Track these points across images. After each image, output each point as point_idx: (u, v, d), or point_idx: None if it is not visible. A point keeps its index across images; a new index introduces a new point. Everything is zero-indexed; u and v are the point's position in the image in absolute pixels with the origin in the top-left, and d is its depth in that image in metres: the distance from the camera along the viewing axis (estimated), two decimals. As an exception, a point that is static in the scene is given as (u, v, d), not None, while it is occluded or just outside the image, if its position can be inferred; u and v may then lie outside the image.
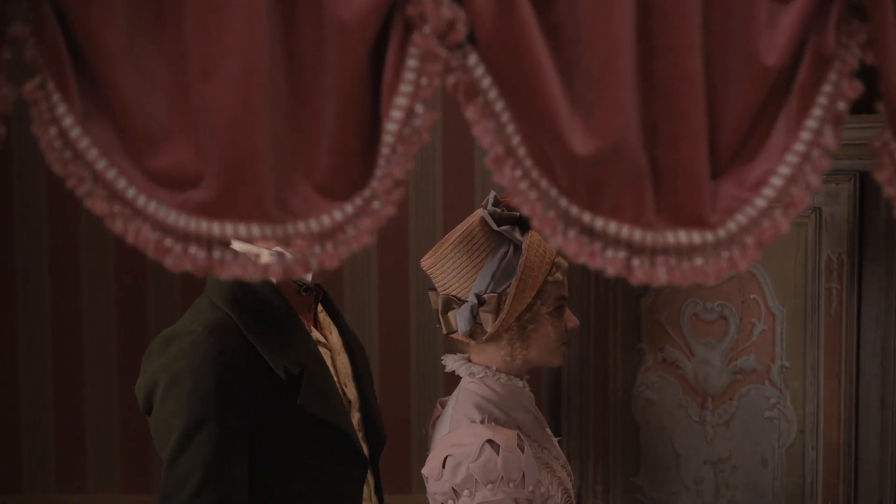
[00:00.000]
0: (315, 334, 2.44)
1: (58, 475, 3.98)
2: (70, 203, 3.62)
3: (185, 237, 1.52)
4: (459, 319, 2.33)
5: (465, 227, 2.37)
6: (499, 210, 2.36)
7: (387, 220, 1.54)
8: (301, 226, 1.56)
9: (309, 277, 2.38)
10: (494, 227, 2.33)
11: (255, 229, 1.52)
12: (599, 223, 1.52)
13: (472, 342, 2.39)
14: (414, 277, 4.11)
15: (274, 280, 2.34)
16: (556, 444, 2.49)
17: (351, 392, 2.48)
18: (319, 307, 2.53)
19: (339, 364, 2.48)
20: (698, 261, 1.54)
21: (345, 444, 2.35)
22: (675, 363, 3.45)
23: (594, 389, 3.50)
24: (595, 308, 3.48)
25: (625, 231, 1.52)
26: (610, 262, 1.52)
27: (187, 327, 2.29)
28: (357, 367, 2.54)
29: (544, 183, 1.53)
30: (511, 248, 2.32)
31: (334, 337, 2.54)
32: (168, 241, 1.53)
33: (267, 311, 2.32)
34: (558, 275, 2.37)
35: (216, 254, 1.52)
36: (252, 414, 2.24)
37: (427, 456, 2.40)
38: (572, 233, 1.52)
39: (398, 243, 4.09)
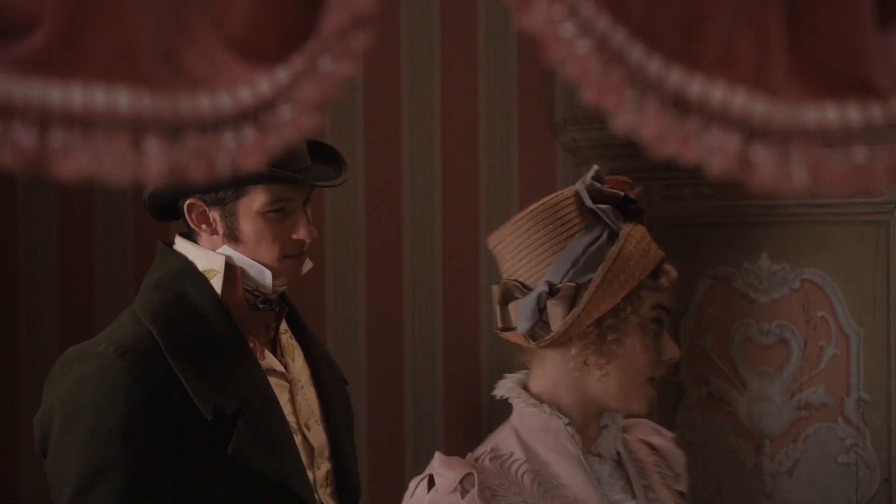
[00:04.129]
0: (269, 361, 2.14)
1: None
2: (8, 191, 3.47)
3: (7, 111, 0.97)
4: (521, 312, 1.86)
5: (552, 197, 1.90)
6: (599, 186, 1.89)
7: (341, 84, 0.95)
8: (204, 100, 0.98)
9: (268, 282, 2.04)
10: (589, 202, 1.86)
11: (123, 97, 0.95)
12: (696, 87, 0.96)
13: (533, 347, 1.89)
14: (408, 290, 3.69)
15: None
16: None
17: (316, 436, 2.18)
18: (283, 326, 2.21)
19: (300, 400, 2.18)
20: (859, 152, 0.97)
21: (293, 503, 2.07)
22: (723, 398, 3.21)
23: (624, 432, 3.16)
24: (624, 332, 3.11)
25: (739, 100, 0.96)
26: (715, 152, 0.95)
27: (95, 347, 1.99)
28: (328, 405, 2.23)
29: (603, 22, 0.96)
30: (605, 235, 1.87)
31: (298, 365, 2.21)
32: (-22, 120, 0.94)
33: (202, 330, 2.03)
34: (664, 280, 1.90)
35: (55, 136, 0.94)
36: (173, 461, 1.96)
37: None
38: (651, 104, 0.95)
39: (391, 253, 3.71)
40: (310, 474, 2.12)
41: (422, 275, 3.63)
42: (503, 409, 3.74)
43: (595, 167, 1.91)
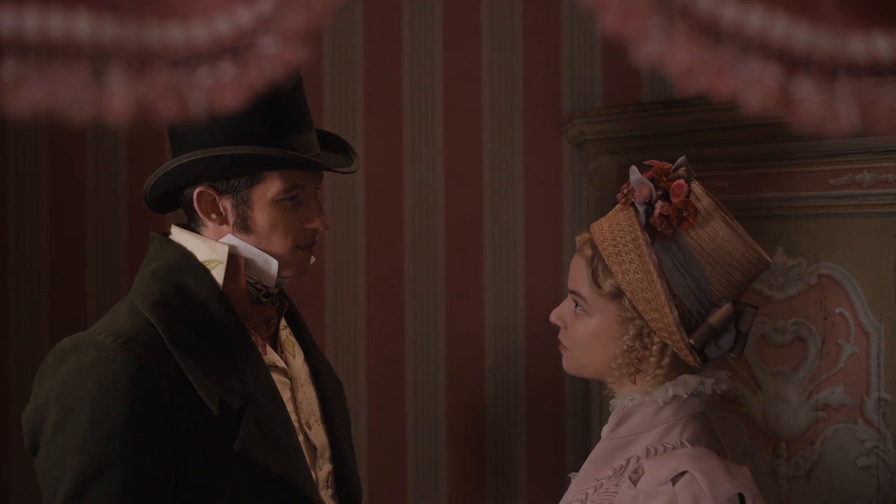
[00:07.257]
0: (271, 357, 2.06)
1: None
2: None
3: (-48, 41, 0.84)
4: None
5: None
6: None
7: (330, 12, 0.84)
8: (175, 31, 0.87)
9: (274, 272, 1.97)
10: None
11: (83, 22, 0.83)
12: (730, 12, 0.84)
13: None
14: (410, 288, 3.60)
15: (223, 282, 1.96)
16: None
17: (318, 436, 2.12)
18: (282, 322, 2.16)
19: (301, 398, 2.11)
20: (914, 88, 0.84)
21: (301, 502, 1.99)
22: (736, 399, 3.05)
23: (633, 434, 3.03)
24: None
25: (779, 27, 0.84)
26: (753, 86, 0.84)
27: (93, 337, 1.88)
28: (327, 404, 2.16)
29: (625, -60, 0.84)
30: None
31: (298, 363, 2.15)
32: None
33: (205, 322, 1.95)
34: None
35: (7, 66, 0.83)
36: (175, 458, 1.86)
37: None
38: (680, 31, 0.84)
39: (392, 250, 3.63)
40: (311, 475, 2.04)
41: (424, 272, 3.52)
42: (505, 411, 3.65)
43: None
